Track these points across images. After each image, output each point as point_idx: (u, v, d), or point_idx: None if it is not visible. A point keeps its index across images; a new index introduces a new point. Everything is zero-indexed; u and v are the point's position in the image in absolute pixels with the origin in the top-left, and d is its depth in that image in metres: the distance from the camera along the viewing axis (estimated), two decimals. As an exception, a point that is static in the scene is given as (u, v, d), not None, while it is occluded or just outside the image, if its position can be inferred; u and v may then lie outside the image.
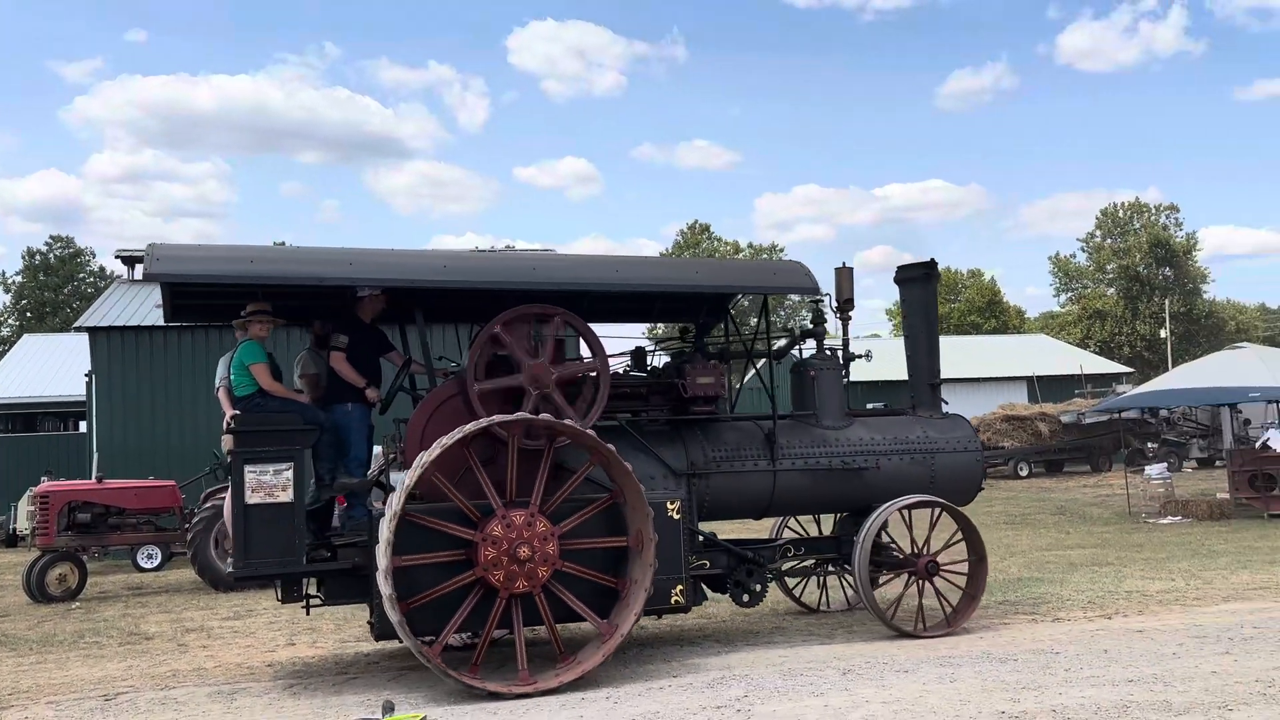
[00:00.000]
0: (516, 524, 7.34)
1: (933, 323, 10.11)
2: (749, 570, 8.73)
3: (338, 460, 8.19)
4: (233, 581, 7.87)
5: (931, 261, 10.03)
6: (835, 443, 9.19)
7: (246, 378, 7.99)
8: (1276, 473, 17.81)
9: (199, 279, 7.81)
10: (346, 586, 7.87)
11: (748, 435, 9.01)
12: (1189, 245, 69.99)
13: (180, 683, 8.23)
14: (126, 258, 24.95)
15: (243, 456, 7.38)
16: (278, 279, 7.85)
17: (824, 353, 9.55)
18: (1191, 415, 30.25)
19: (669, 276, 9.14)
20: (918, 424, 9.67)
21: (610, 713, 6.59)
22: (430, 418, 7.93)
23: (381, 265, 8.18)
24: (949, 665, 7.44)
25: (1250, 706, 6.03)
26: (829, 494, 9.21)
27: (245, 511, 7.35)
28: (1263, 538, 14.90)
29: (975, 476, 9.75)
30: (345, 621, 10.96)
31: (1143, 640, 8.12)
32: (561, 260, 8.57)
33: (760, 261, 9.39)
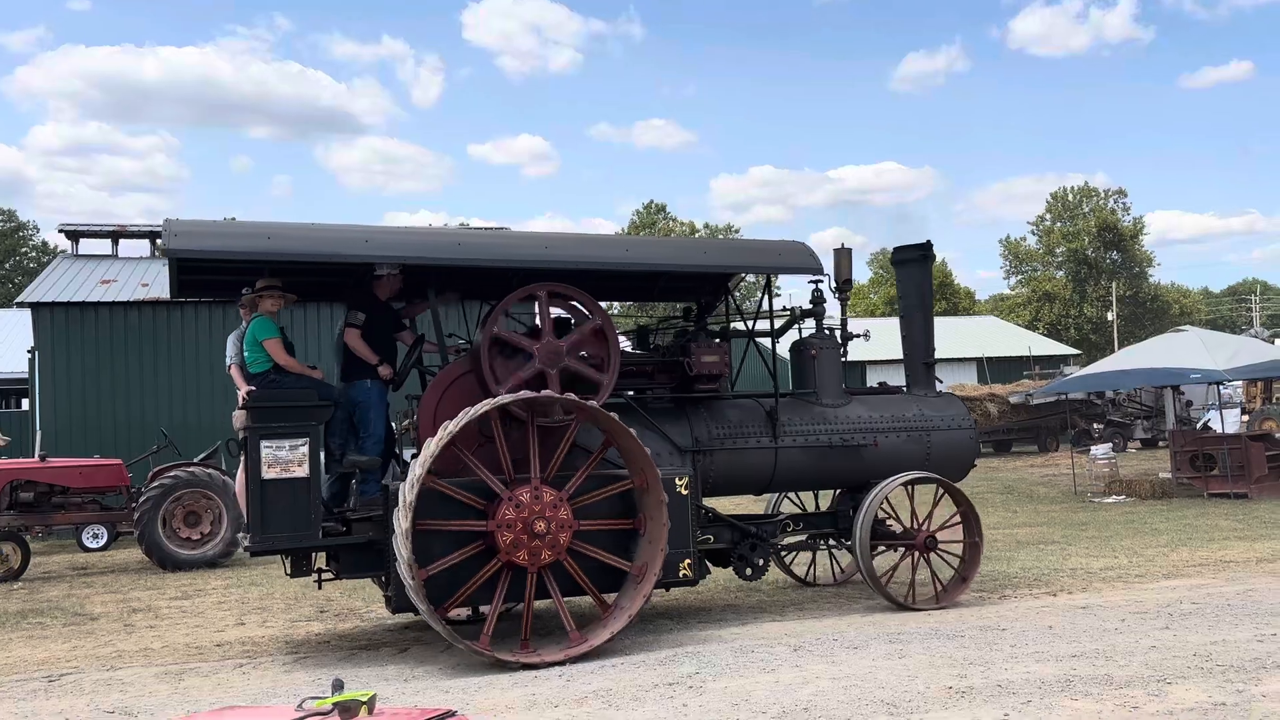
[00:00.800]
0: (525, 501, 7.45)
1: (928, 303, 10.35)
2: (752, 545, 8.90)
3: (349, 436, 8.20)
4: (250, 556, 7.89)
5: (927, 243, 10.21)
6: (835, 420, 9.36)
7: (261, 354, 7.98)
8: (1216, 453, 18.22)
9: (217, 255, 7.78)
10: (360, 561, 7.95)
11: (750, 413, 9.15)
12: (1136, 229, 71.22)
13: (126, 663, 8.14)
14: (70, 232, 24.42)
15: (259, 432, 7.46)
16: (295, 256, 7.90)
17: (823, 332, 9.70)
18: (1136, 397, 30.83)
19: (677, 256, 9.25)
20: (914, 402, 9.87)
21: (563, 690, 6.61)
22: (443, 395, 8.03)
23: (397, 243, 8.28)
24: (898, 642, 7.54)
25: (1188, 679, 6.17)
26: (829, 470, 9.38)
27: (261, 487, 7.43)
28: (1201, 516, 15.25)
29: (969, 453, 9.96)
30: (295, 602, 10.89)
31: (1086, 616, 8.29)
32: (573, 239, 8.78)
33: (765, 241, 9.54)
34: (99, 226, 24.92)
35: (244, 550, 7.82)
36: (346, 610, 10.26)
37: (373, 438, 8.19)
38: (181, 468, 14.65)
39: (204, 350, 20.72)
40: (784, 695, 6.17)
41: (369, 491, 8.11)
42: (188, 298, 10.21)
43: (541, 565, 7.50)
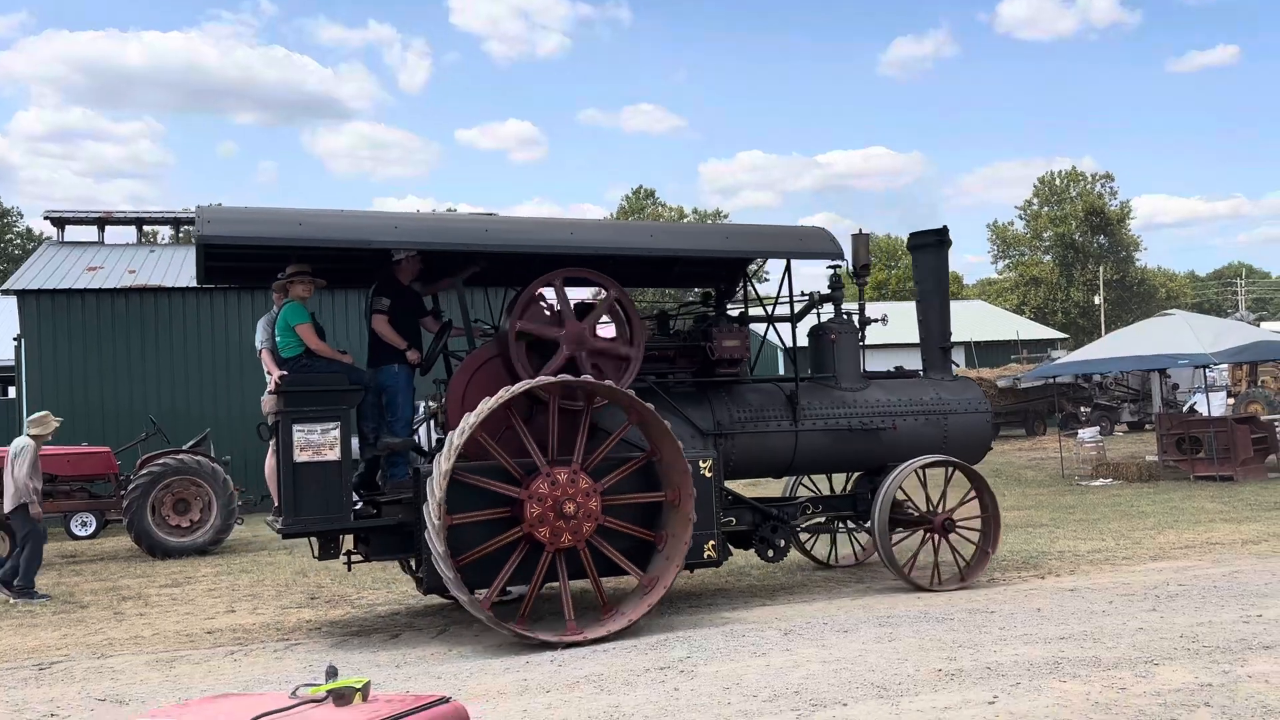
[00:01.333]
0: (561, 481, 7.54)
1: (944, 288, 10.48)
2: (773, 527, 9.02)
3: (381, 420, 8.29)
4: (284, 538, 8.14)
5: (944, 229, 10.33)
6: (854, 404, 9.47)
7: (292, 338, 8.07)
8: (1202, 436, 18.33)
9: (250, 241, 7.84)
10: (391, 542, 8.07)
11: (770, 397, 9.27)
12: (1123, 213, 71.35)
13: (117, 651, 8.14)
14: (56, 219, 24.28)
15: (291, 416, 7.55)
16: (327, 241, 8.00)
17: (841, 316, 9.79)
18: (1123, 380, 30.97)
19: (700, 242, 9.28)
20: (931, 386, 10.00)
21: (555, 675, 6.64)
22: (471, 379, 8.15)
23: (425, 229, 8.41)
24: (888, 625, 7.58)
25: (1175, 661, 6.22)
26: (848, 454, 9.49)
27: (294, 470, 7.54)
28: (1188, 499, 15.35)
29: (985, 436, 10.11)
30: (286, 589, 10.89)
31: (1074, 599, 8.35)
32: (597, 225, 8.89)
33: (786, 226, 9.81)
34: (85, 213, 24.78)
35: (277, 532, 7.94)
36: (338, 597, 10.27)
37: (401, 421, 8.31)
38: (170, 455, 14.62)
39: (192, 338, 20.67)
40: (775, 679, 6.20)
41: (398, 474, 8.22)
42: (215, 285, 10.33)
43: (559, 548, 7.60)
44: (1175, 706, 5.33)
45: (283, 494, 7.64)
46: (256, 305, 20.82)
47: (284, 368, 8.00)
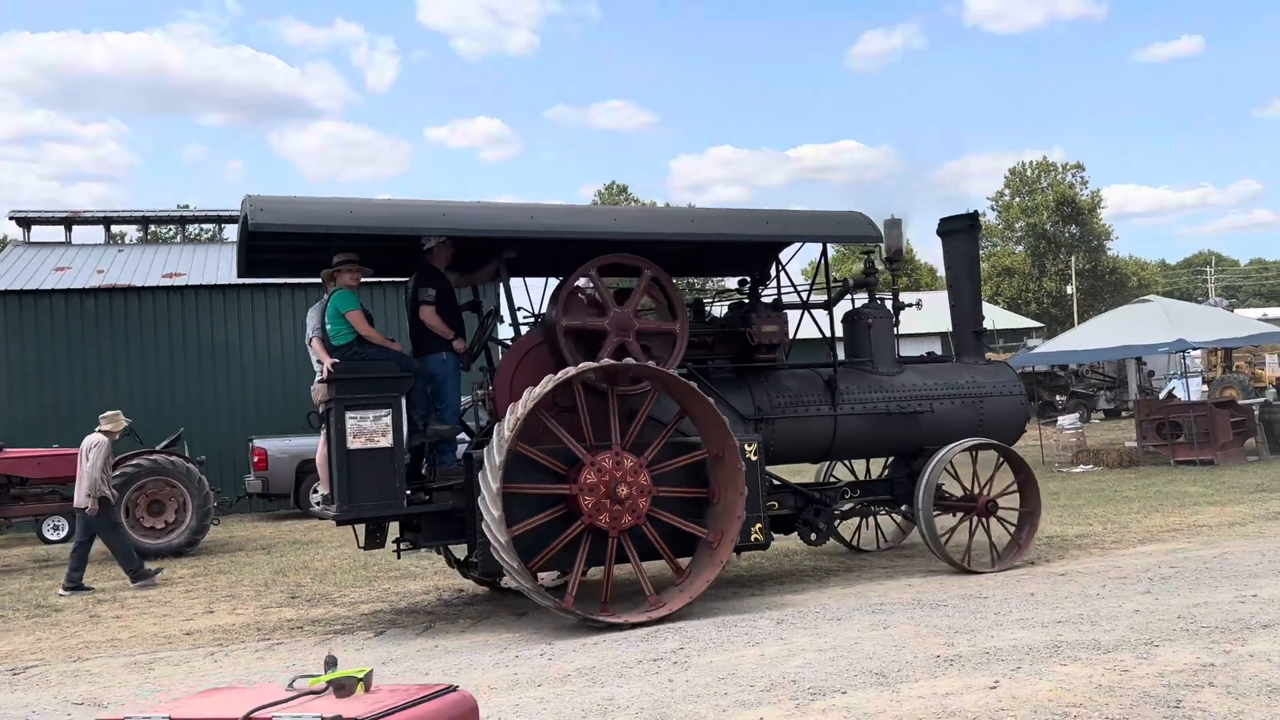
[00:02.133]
0: (607, 467, 7.61)
1: (975, 273, 10.57)
2: (816, 510, 9.07)
3: (430, 407, 8.29)
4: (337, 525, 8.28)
5: (974, 213, 10.39)
6: (891, 388, 9.53)
7: (343, 325, 8.09)
8: (1182, 421, 18.40)
9: (304, 228, 7.82)
10: (441, 528, 8.13)
11: (808, 382, 9.32)
12: (1094, 203, 71.80)
13: (94, 654, 7.92)
14: (21, 219, 23.85)
15: (344, 403, 7.59)
16: (378, 228, 8.05)
17: (876, 302, 9.83)
18: (1099, 368, 31.12)
19: (742, 226, 9.15)
20: (965, 369, 10.08)
21: (545, 668, 6.49)
22: (518, 366, 8.22)
23: (472, 216, 8.39)
24: (881, 612, 7.48)
25: (1174, 642, 6.15)
26: (886, 438, 9.55)
27: (347, 457, 7.57)
28: (1170, 483, 15.38)
29: (1020, 419, 10.20)
30: (265, 588, 10.69)
31: (1067, 583, 8.28)
32: (640, 212, 8.99)
33: (824, 212, 9.82)
34: (51, 213, 24.37)
35: (332, 519, 7.96)
36: (319, 595, 10.07)
37: (450, 408, 8.34)
38: (144, 456, 14.36)
39: (163, 337, 20.36)
40: (771, 668, 6.08)
41: (447, 461, 8.29)
42: (254, 277, 10.60)
43: (622, 530, 7.66)
44: (1179, 688, 5.25)
45: (336, 481, 7.66)
46: (229, 302, 20.55)
47: (335, 355, 8.00)
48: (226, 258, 22.95)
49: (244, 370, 20.43)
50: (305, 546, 14.11)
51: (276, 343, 20.63)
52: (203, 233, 36.51)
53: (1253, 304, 74.05)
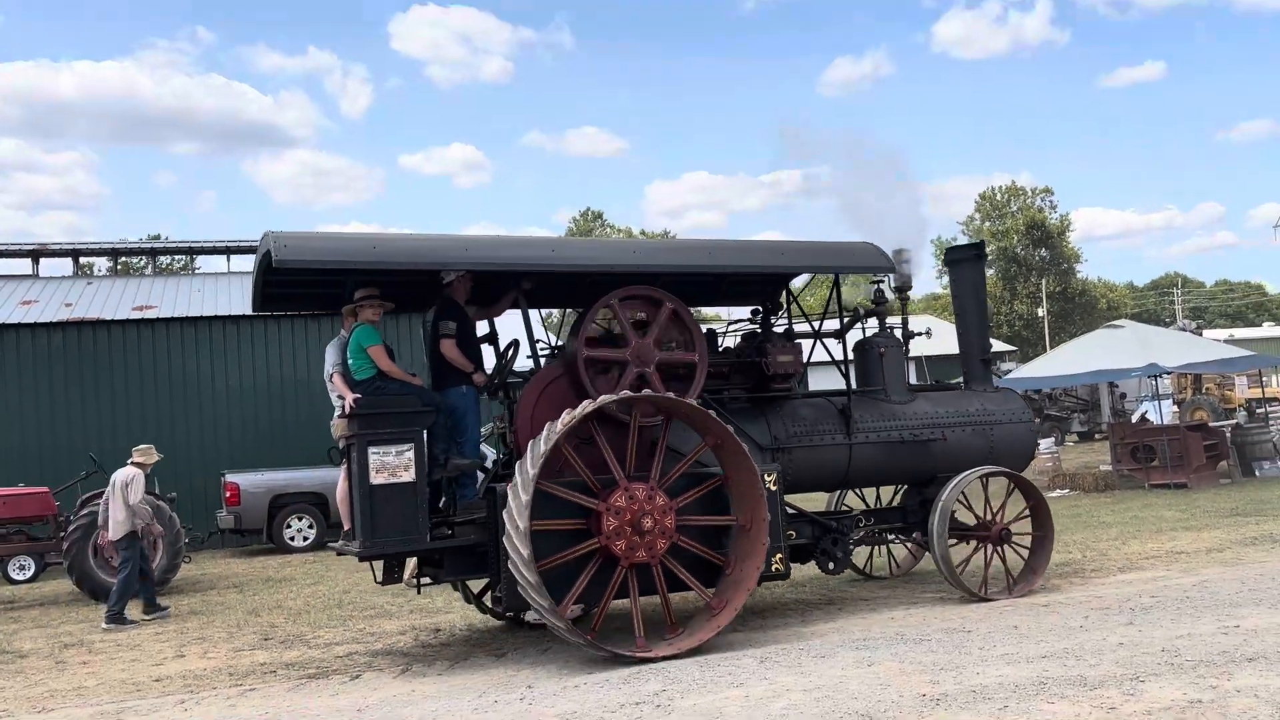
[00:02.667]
0: (639, 497, 7.61)
1: (982, 301, 10.70)
2: (834, 539, 9.13)
3: (451, 441, 8.28)
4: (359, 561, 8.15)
5: (981, 243, 10.62)
6: (903, 416, 9.60)
7: (365, 361, 8.10)
8: (1156, 444, 18.48)
9: (328, 264, 7.83)
10: (464, 563, 8.10)
11: (823, 411, 9.39)
12: (1063, 226, 72.50)
13: (59, 703, 7.71)
14: (-14, 251, 23.52)
15: (366, 438, 7.59)
16: (401, 263, 8.06)
17: (886, 331, 9.93)
18: (1072, 391, 31.29)
19: (758, 259, 9.22)
20: (975, 397, 10.16)
21: (525, 713, 6.36)
22: (539, 398, 8.24)
23: (495, 250, 8.54)
24: (865, 648, 7.40)
25: (1160, 677, 6.10)
26: (899, 466, 9.61)
27: (370, 492, 7.56)
28: (1146, 507, 15.42)
29: (1030, 446, 10.33)
30: (237, 629, 10.48)
31: (1050, 614, 8.24)
32: (659, 245, 9.11)
33: (838, 243, 9.96)
34: (18, 246, 24.07)
35: (355, 556, 7.91)
36: (293, 637, 9.88)
37: (470, 442, 8.35)
38: (112, 494, 14.07)
39: (133, 371, 20.10)
40: (756, 710, 5.98)
41: (468, 495, 8.26)
42: (268, 312, 10.30)
43: (633, 562, 7.63)
44: (1169, 726, 5.20)
45: (359, 516, 7.65)
46: (201, 335, 20.32)
47: (356, 390, 8.01)
48: (199, 289, 22.75)
49: (216, 404, 20.17)
50: (279, 584, 13.88)
51: (249, 376, 20.41)
52: (174, 263, 36.22)
53: (1219, 324, 74.92)
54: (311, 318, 20.56)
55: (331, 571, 14.70)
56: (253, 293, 8.79)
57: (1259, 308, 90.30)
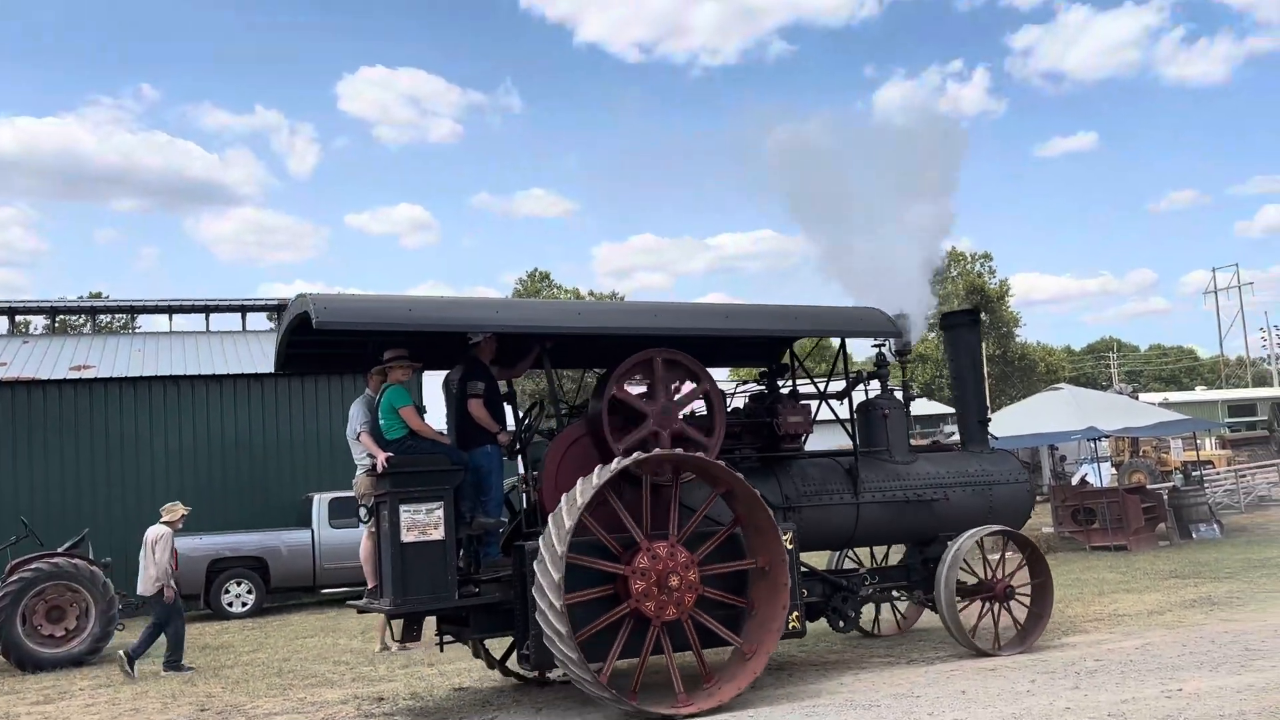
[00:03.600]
0: (661, 555, 7.74)
1: (979, 364, 11.02)
2: (844, 597, 9.34)
3: (476, 500, 8.38)
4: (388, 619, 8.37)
5: (976, 309, 10.76)
6: (907, 476, 9.80)
7: (396, 420, 8.23)
8: (1096, 506, 18.76)
9: (366, 326, 8.03)
10: (490, 621, 8.19)
11: (831, 471, 9.58)
12: (1002, 291, 73.99)
13: (-16, 781, 7.40)
14: (-81, 308, 22.98)
15: (398, 497, 7.71)
16: (436, 325, 8.25)
17: (889, 393, 10.15)
18: (1014, 453, 31.67)
19: (771, 323, 9.45)
20: (974, 458, 10.37)
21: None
22: (563, 457, 8.41)
23: (524, 313, 8.88)
24: (814, 715, 7.38)
25: (1106, 741, 6.16)
26: (903, 525, 9.79)
27: (401, 550, 7.64)
28: (1088, 569, 15.61)
29: (1026, 506, 10.55)
30: (172, 700, 10.16)
31: (996, 678, 8.27)
32: (678, 309, 9.19)
33: (846, 308, 10.34)
34: (-49, 303, 23.53)
35: (382, 613, 8.06)
36: (230, 707, 9.60)
37: (494, 500, 8.49)
38: (44, 559, 13.65)
39: (68, 432, 19.65)
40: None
41: (492, 553, 8.36)
42: (289, 372, 10.79)
43: (665, 620, 7.76)
44: (1116, 791, 5.23)
45: (390, 574, 7.73)
46: (140, 396, 19.95)
47: (388, 449, 8.11)
48: (139, 348, 22.38)
49: (154, 466, 19.74)
50: (216, 651, 13.52)
51: (189, 437, 20.03)
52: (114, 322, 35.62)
53: (1154, 388, 76.57)
54: (254, 378, 20.33)
55: (271, 638, 14.36)
56: (276, 353, 8.94)
57: (1191, 372, 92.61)
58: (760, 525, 8.19)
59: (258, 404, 20.26)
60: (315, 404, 20.63)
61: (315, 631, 14.42)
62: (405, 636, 8.41)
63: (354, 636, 13.69)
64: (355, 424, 8.67)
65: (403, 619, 8.22)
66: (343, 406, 21.05)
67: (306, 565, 17.51)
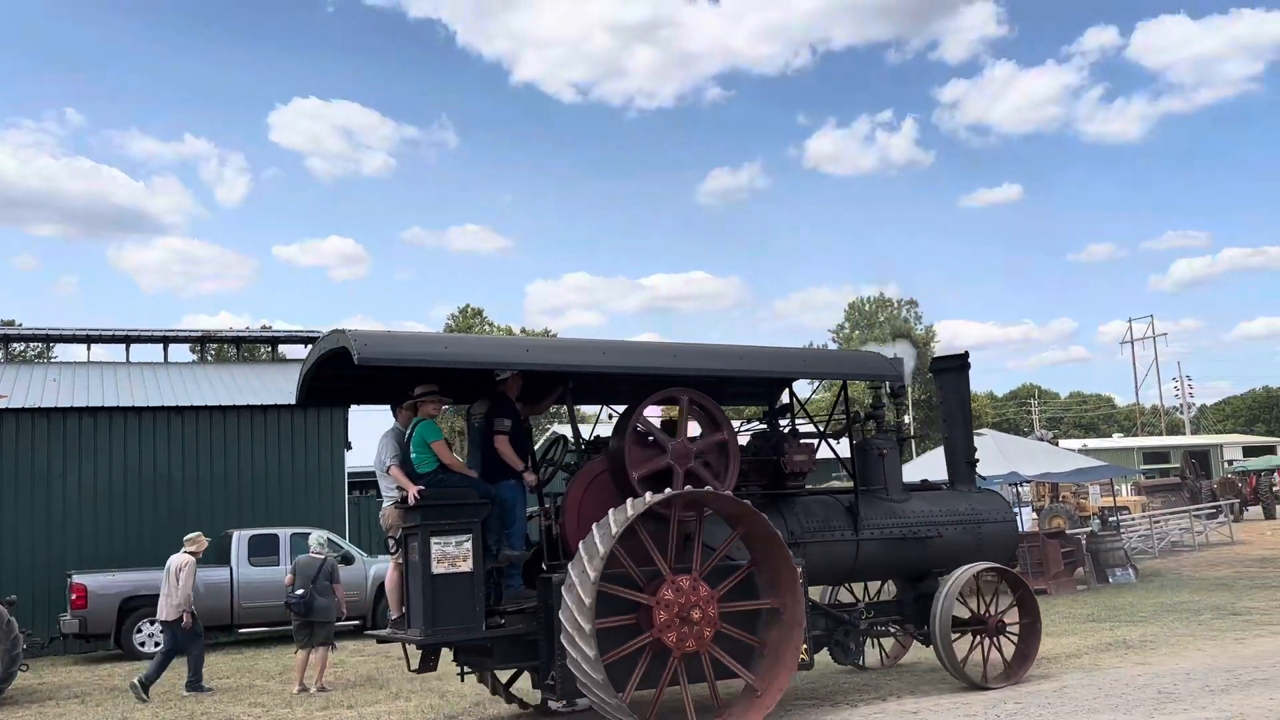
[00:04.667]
0: (684, 588, 7.98)
1: (967, 408, 11.37)
2: (846, 631, 9.68)
3: (502, 532, 8.55)
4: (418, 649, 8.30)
5: (965, 354, 11.27)
6: (903, 514, 10.11)
7: (428, 454, 8.38)
8: (1018, 551, 19.05)
9: (405, 362, 8.17)
10: (514, 651, 8.32)
11: (832, 508, 9.87)
12: (928, 337, 75.51)
13: None
14: None
15: (429, 529, 7.89)
16: (470, 363, 8.60)
17: (885, 433, 10.45)
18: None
19: (785, 364, 9.93)
20: (963, 497, 10.75)
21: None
22: (585, 491, 8.66)
23: (553, 351, 9.23)
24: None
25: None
26: (898, 561, 10.10)
27: (432, 581, 7.80)
28: (1009, 613, 15.81)
29: (1012, 543, 10.97)
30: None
31: None
32: (697, 350, 9.35)
33: (851, 352, 11.20)
34: None
35: (411, 643, 8.14)
36: (139, 752, 9.27)
37: (517, 534, 8.67)
38: (-55, 596, 13.11)
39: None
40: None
41: (514, 585, 8.54)
42: (309, 405, 10.89)
43: (685, 652, 7.96)
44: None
45: (419, 605, 7.89)
46: (54, 427, 19.36)
47: (419, 482, 8.24)
48: (54, 378, 21.74)
49: (67, 500, 19.09)
50: (124, 695, 13.05)
51: (104, 471, 19.43)
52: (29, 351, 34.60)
53: (1073, 435, 78.49)
54: (175, 411, 19.87)
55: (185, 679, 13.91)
56: (300, 386, 9.20)
57: (1109, 419, 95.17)
58: (779, 567, 8.44)
59: (177, 438, 19.78)
60: (237, 439, 20.20)
61: (231, 672, 14.03)
62: (423, 667, 8.47)
63: (271, 677, 13.35)
64: (385, 457, 8.76)
65: (422, 650, 8.30)
66: (265, 442, 20.73)
67: (224, 604, 17.04)
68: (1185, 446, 47.39)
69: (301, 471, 20.51)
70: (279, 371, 23.05)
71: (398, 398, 9.14)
